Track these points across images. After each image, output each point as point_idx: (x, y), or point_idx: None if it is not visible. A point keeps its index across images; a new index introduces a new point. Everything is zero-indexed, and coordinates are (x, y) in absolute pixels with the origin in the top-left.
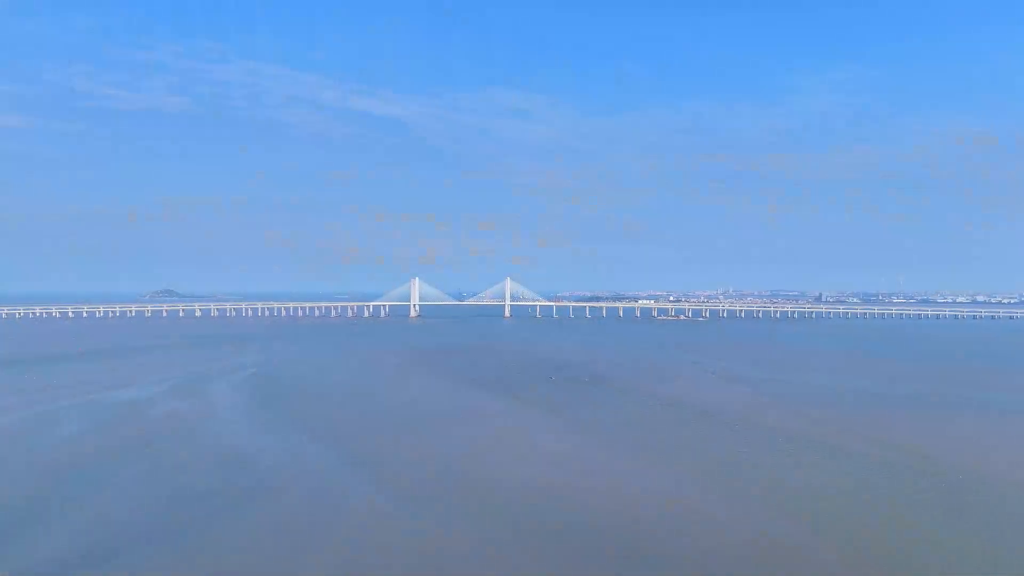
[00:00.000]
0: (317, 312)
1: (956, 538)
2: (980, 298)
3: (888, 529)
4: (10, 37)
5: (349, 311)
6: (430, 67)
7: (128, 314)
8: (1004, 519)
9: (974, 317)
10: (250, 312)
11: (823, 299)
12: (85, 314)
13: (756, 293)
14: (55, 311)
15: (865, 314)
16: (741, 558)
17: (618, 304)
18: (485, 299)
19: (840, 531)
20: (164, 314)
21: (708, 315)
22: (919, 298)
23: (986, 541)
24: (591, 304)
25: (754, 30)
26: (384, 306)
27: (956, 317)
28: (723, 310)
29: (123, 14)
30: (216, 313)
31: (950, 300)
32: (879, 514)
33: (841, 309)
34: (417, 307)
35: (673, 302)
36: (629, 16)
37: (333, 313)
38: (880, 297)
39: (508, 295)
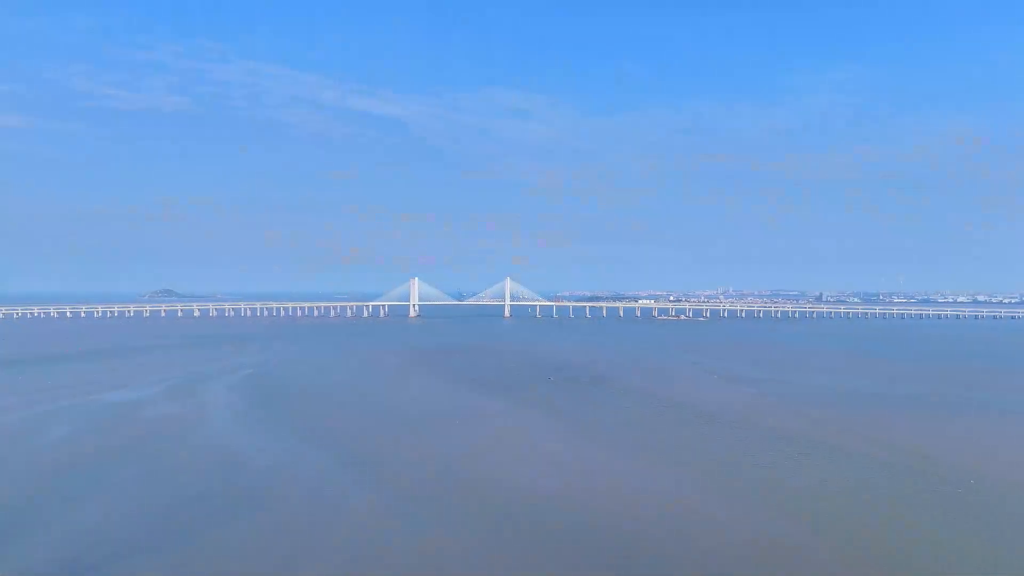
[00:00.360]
0: (316, 312)
1: (956, 538)
2: (981, 298)
3: (888, 529)
4: (10, 37)
5: (349, 311)
6: (430, 67)
7: (127, 314)
8: (1004, 519)
9: (976, 317)
10: (249, 312)
11: (823, 299)
12: (84, 314)
13: (756, 293)
14: (55, 311)
15: (866, 314)
16: (741, 558)
17: (618, 304)
18: (485, 299)
19: (840, 531)
20: (163, 314)
21: (708, 315)
22: (919, 298)
23: (986, 541)
24: (591, 304)
25: (754, 30)
26: (384, 306)
27: (957, 317)
28: (723, 310)
29: (123, 14)
30: (215, 313)
31: (951, 300)
32: (879, 514)
33: (842, 309)
34: (417, 307)
35: (673, 302)
36: (629, 16)
37: (333, 313)
38: (880, 297)
39: (508, 295)
